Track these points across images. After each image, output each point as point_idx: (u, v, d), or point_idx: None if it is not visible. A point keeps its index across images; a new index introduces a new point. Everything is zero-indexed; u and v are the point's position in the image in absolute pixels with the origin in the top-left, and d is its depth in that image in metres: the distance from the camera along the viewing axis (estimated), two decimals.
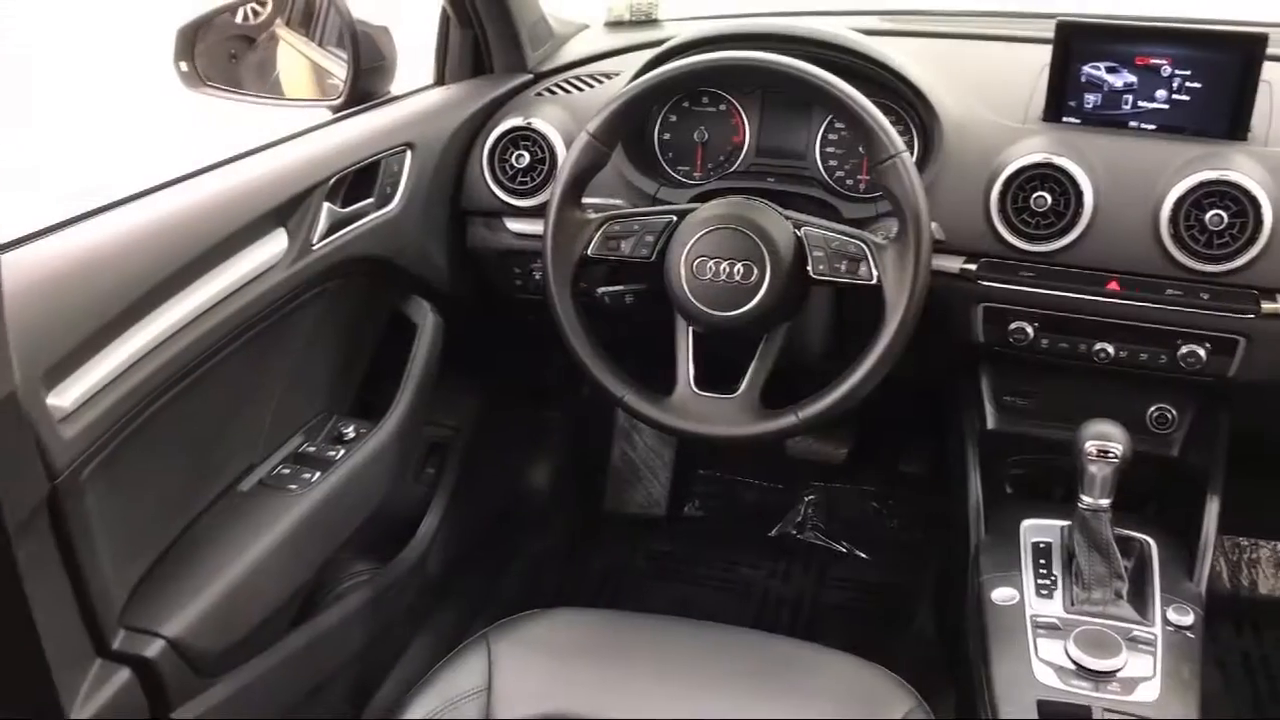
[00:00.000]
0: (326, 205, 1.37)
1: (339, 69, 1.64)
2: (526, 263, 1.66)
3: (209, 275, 1.18)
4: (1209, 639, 1.99)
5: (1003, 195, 1.44)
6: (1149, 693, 1.21)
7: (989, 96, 1.55)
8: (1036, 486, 1.64)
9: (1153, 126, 1.47)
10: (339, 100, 1.63)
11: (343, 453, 1.41)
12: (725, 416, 1.38)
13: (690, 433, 1.40)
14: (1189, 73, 1.44)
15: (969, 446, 1.60)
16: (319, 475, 1.36)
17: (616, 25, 1.96)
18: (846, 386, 1.34)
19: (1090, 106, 1.49)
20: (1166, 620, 1.30)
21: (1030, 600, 1.34)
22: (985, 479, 1.60)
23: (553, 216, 1.41)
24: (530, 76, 1.77)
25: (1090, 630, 1.27)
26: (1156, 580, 1.37)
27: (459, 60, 1.76)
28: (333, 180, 1.39)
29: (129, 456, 1.10)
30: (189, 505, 1.27)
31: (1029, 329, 1.49)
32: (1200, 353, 1.43)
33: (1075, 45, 1.47)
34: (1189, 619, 1.31)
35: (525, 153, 1.62)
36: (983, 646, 1.30)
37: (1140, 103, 1.47)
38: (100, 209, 1.16)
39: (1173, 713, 1.19)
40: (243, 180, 1.29)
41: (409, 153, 1.54)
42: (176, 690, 1.14)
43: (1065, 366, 1.52)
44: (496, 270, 1.70)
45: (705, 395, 1.40)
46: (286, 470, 1.38)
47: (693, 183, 1.66)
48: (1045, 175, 1.42)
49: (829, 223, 1.39)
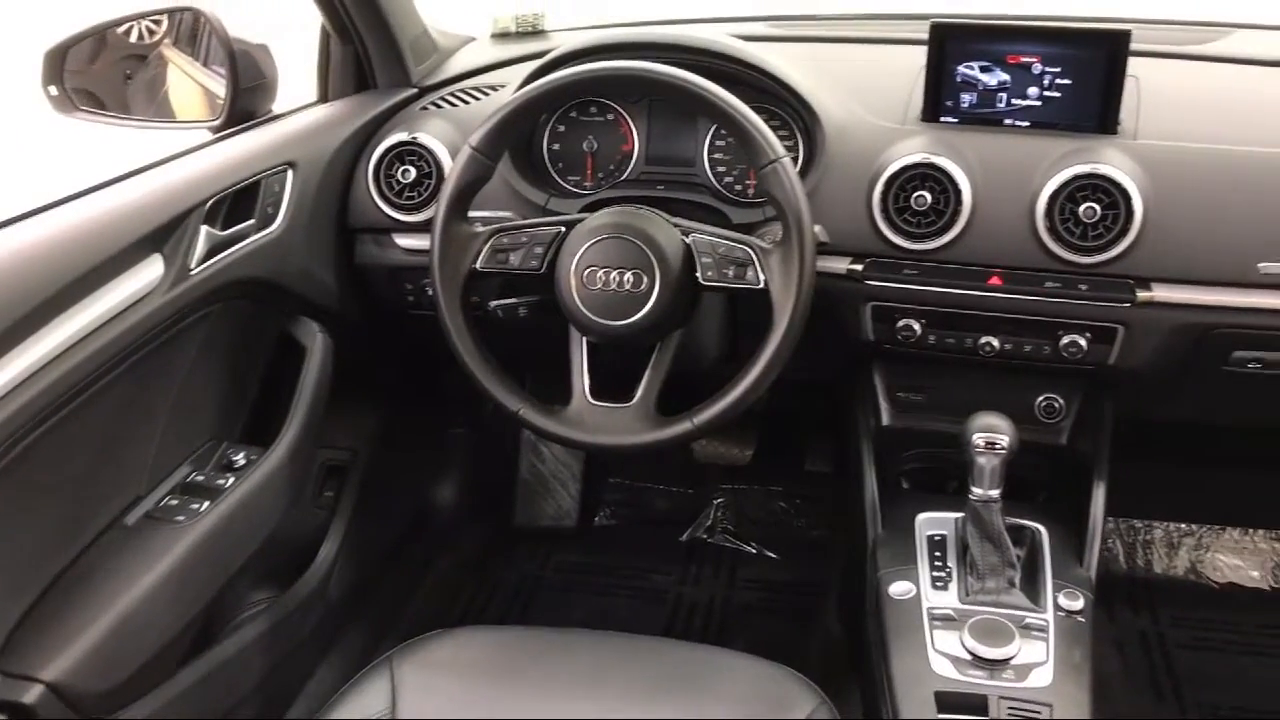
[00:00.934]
0: (204, 229, 1.34)
1: (222, 89, 1.61)
2: (418, 278, 1.64)
3: (79, 305, 1.15)
4: (1107, 621, 2.06)
5: (884, 196, 1.46)
6: (1043, 678, 1.23)
7: (869, 99, 1.58)
8: (932, 480, 1.67)
9: (1027, 123, 1.51)
10: (218, 120, 1.59)
11: (233, 481, 1.38)
12: (620, 426, 1.38)
13: (586, 444, 1.40)
14: (1058, 70, 1.48)
15: (863, 443, 1.62)
16: (208, 505, 1.33)
17: (503, 37, 1.95)
18: (739, 391, 1.35)
19: (966, 106, 1.52)
20: (1058, 606, 1.33)
21: (926, 593, 1.36)
22: (881, 475, 1.62)
23: (438, 231, 1.39)
24: (415, 91, 1.75)
25: (985, 620, 1.29)
26: (1048, 567, 1.40)
27: (341, 77, 1.73)
28: (210, 203, 1.36)
29: (1, 496, 1.07)
30: (70, 543, 1.23)
31: (916, 326, 1.52)
32: (1081, 342, 1.46)
33: (949, 46, 1.50)
34: (1079, 604, 1.34)
35: (411, 168, 1.61)
36: (882, 641, 1.32)
37: (1014, 100, 1.50)
38: None
39: (1066, 696, 1.22)
40: (114, 206, 1.26)
41: (290, 172, 1.52)
42: None
43: (955, 361, 1.55)
44: (387, 287, 1.68)
45: (600, 405, 1.39)
46: (174, 501, 1.35)
47: (583, 192, 1.66)
48: (925, 175, 1.45)
49: (716, 229, 1.40)
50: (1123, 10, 1.84)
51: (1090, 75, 1.47)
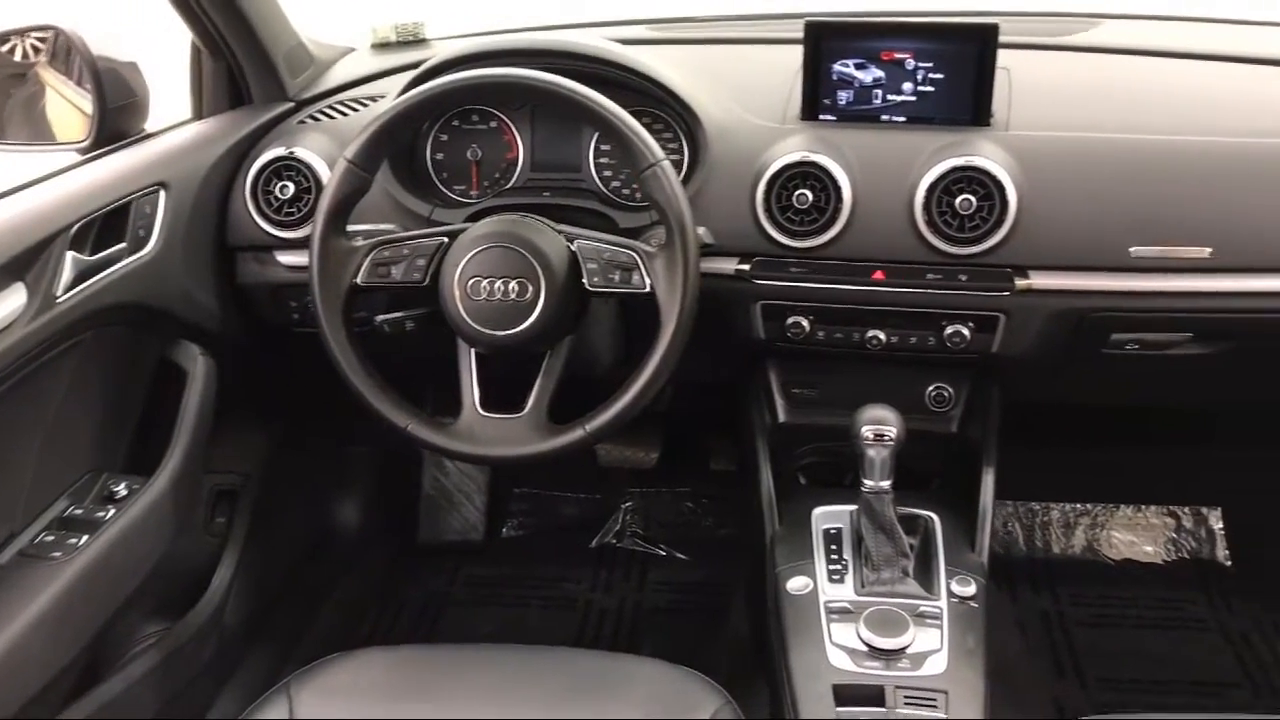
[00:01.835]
0: (70, 254, 1.30)
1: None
2: (302, 295, 1.60)
3: None
4: (1009, 602, 2.10)
5: (767, 195, 1.47)
6: (938, 665, 1.25)
7: (749, 99, 1.59)
8: (829, 474, 1.69)
9: (903, 118, 1.53)
10: (86, 142, 1.54)
11: (113, 512, 1.34)
12: (512, 437, 1.37)
13: (477, 457, 1.39)
14: (931, 65, 1.50)
15: (758, 441, 1.63)
16: (86, 539, 1.29)
17: (383, 47, 1.92)
18: (629, 396, 1.34)
19: (844, 103, 1.54)
20: (951, 593, 1.35)
21: (823, 587, 1.37)
22: (778, 471, 1.63)
23: (317, 247, 1.37)
24: (292, 105, 1.72)
25: (880, 610, 1.31)
26: (941, 555, 1.41)
27: (214, 93, 1.69)
28: (77, 227, 1.31)
29: None
30: None
31: (805, 323, 1.53)
32: (965, 332, 1.49)
33: (824, 44, 1.51)
34: (971, 589, 1.36)
35: (290, 183, 1.57)
36: (781, 637, 1.33)
37: (889, 96, 1.52)
38: None
39: (961, 681, 1.23)
40: None
41: (162, 192, 1.47)
42: None
43: (846, 355, 1.57)
44: (271, 306, 1.64)
45: (492, 417, 1.38)
46: (50, 537, 1.30)
47: (469, 201, 1.64)
48: (805, 173, 1.46)
49: (601, 234, 1.40)
50: (993, 4, 1.88)
51: (962, 69, 1.49)
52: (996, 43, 1.46)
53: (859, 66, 1.52)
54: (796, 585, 1.38)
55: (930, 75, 1.50)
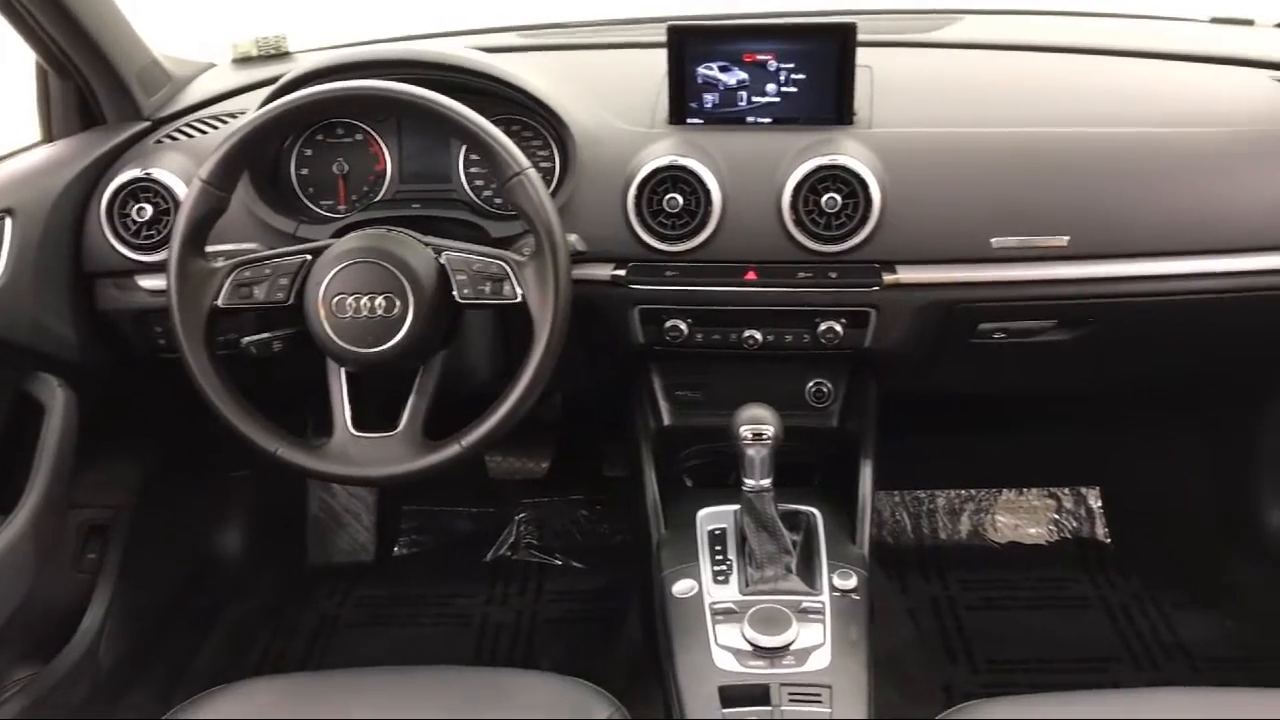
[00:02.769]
0: None
1: None
2: (166, 320, 1.56)
3: None
4: (900, 592, 2.13)
5: (638, 200, 1.47)
6: (821, 660, 1.26)
7: (617, 104, 1.59)
8: (714, 475, 1.69)
9: (768, 120, 1.54)
10: None
11: None
12: (386, 456, 1.34)
13: (349, 477, 1.36)
14: (793, 66, 1.51)
15: (642, 446, 1.63)
16: None
17: (245, 61, 1.88)
18: (505, 408, 1.33)
19: (710, 106, 1.54)
20: (833, 586, 1.36)
21: (708, 588, 1.37)
22: (664, 474, 1.63)
23: (174, 270, 1.33)
24: (148, 124, 1.66)
25: (764, 609, 1.31)
26: (823, 549, 1.43)
27: (64, 114, 1.63)
28: None
29: None
30: None
31: (683, 325, 1.53)
32: (837, 328, 1.51)
33: (687, 48, 1.52)
34: (852, 582, 1.37)
35: (147, 205, 1.52)
36: (668, 641, 1.33)
37: (754, 98, 1.53)
38: None
39: (844, 674, 1.25)
40: None
41: (9, 220, 1.42)
42: None
43: (726, 356, 1.57)
44: (134, 332, 1.59)
45: (364, 436, 1.35)
46: None
47: (337, 216, 1.61)
48: (675, 177, 1.46)
49: (470, 245, 1.38)
50: (856, 3, 1.91)
51: (823, 69, 1.51)
52: (855, 42, 1.48)
53: (723, 69, 1.53)
54: (682, 588, 1.38)
55: (793, 76, 1.52)
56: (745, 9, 1.85)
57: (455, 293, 1.35)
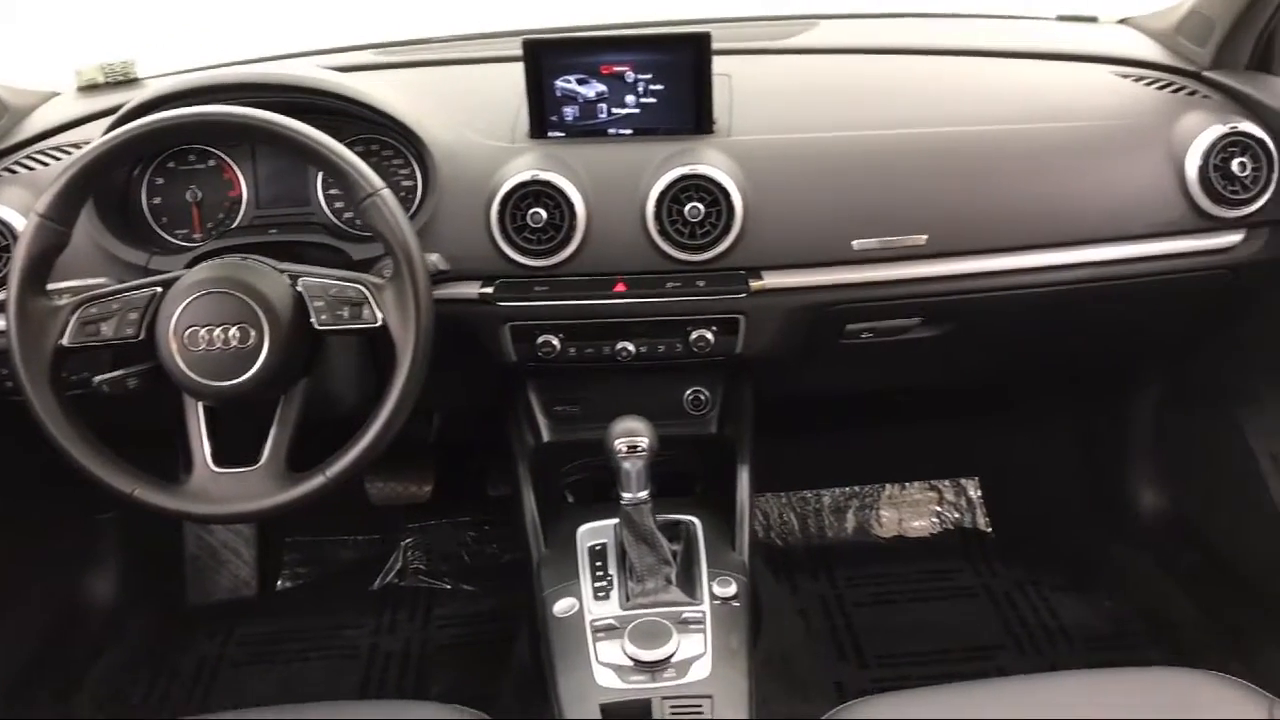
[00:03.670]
0: None
1: None
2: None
3: None
4: (790, 593, 2.15)
5: (501, 216, 1.45)
6: (702, 670, 1.26)
7: (477, 120, 1.57)
8: (596, 490, 1.68)
9: (629, 131, 1.54)
10: None
11: None
12: (249, 491, 1.30)
13: (210, 516, 1.32)
14: (650, 76, 1.51)
15: (519, 464, 1.61)
16: None
17: (91, 89, 1.81)
18: (371, 435, 1.30)
19: (570, 119, 1.53)
20: (713, 595, 1.36)
21: (589, 606, 1.36)
22: (546, 491, 1.61)
23: (13, 310, 1.26)
24: None
25: (644, 623, 1.30)
26: (703, 558, 1.43)
27: None
28: None
29: None
30: None
31: (555, 341, 1.52)
32: (709, 336, 1.51)
33: (544, 61, 1.51)
34: (731, 589, 1.37)
35: None
36: (550, 662, 1.31)
37: (614, 110, 1.53)
38: None
39: (725, 683, 1.24)
40: None
41: None
42: None
43: (602, 369, 1.56)
44: None
45: (225, 472, 1.31)
46: None
47: (192, 245, 1.56)
48: (538, 191, 1.45)
49: (327, 270, 1.35)
50: (714, 10, 1.92)
51: (681, 79, 1.51)
52: (710, 50, 1.48)
53: (581, 82, 1.52)
54: (562, 607, 1.37)
55: (651, 87, 1.52)
56: (610, 19, 1.84)
57: (313, 319, 1.31)
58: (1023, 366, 1.87)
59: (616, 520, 1.44)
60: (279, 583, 2.30)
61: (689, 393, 1.64)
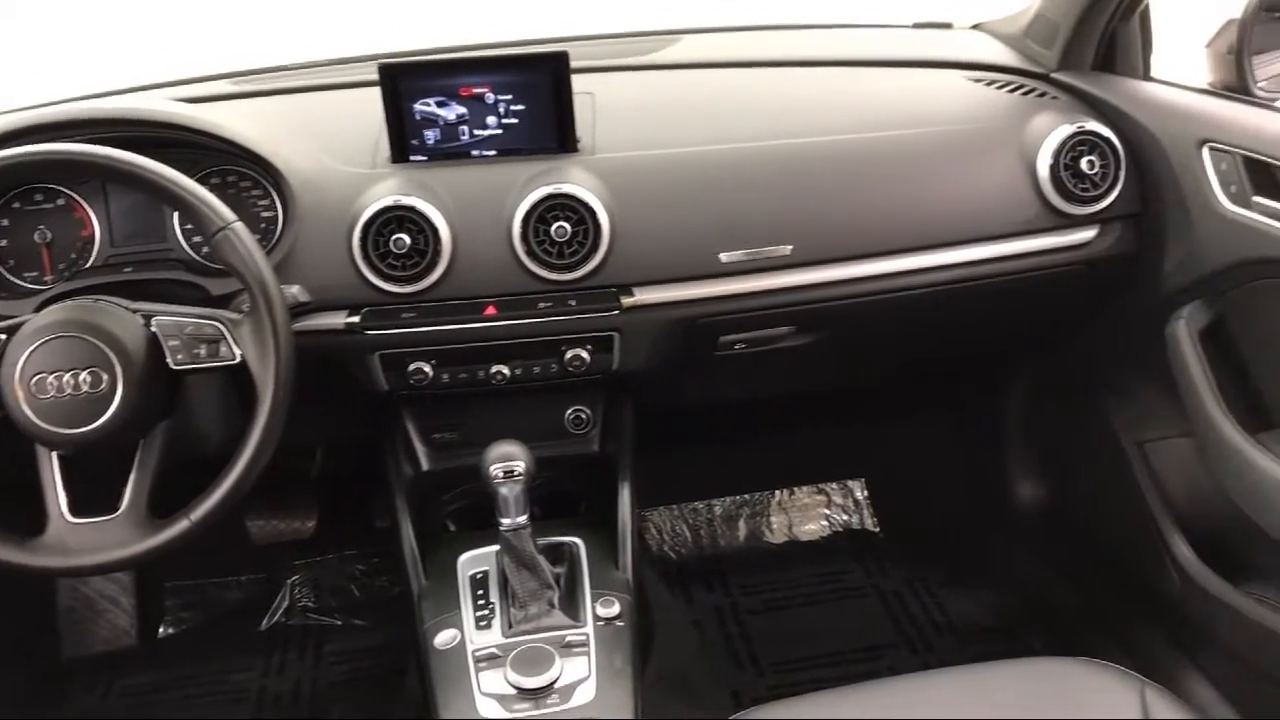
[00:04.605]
0: None
1: None
2: None
3: None
4: (685, 605, 2.15)
5: (363, 243, 1.42)
6: (586, 694, 1.25)
7: (336, 147, 1.54)
8: (479, 516, 1.66)
9: (493, 152, 1.52)
10: None
11: None
12: (107, 541, 1.25)
13: (68, 569, 1.26)
14: (511, 97, 1.50)
15: (396, 495, 1.59)
16: None
17: None
18: (235, 475, 1.26)
19: (432, 142, 1.52)
20: (596, 616, 1.35)
21: (471, 636, 1.34)
22: (426, 521, 1.59)
23: None
24: None
25: (526, 649, 1.29)
26: (586, 579, 1.42)
27: None
28: None
29: None
30: None
31: (427, 368, 1.50)
32: (584, 355, 1.50)
33: (402, 85, 1.49)
34: (615, 609, 1.36)
35: None
36: (433, 696, 1.29)
37: (476, 131, 1.52)
38: None
39: (609, 705, 1.24)
40: None
41: None
42: None
43: (479, 393, 1.54)
44: None
45: (84, 522, 1.26)
46: None
47: (43, 288, 1.50)
48: (400, 217, 1.42)
49: (182, 308, 1.31)
50: (576, 29, 1.92)
51: (541, 98, 1.50)
52: (569, 69, 1.48)
53: (440, 104, 1.50)
54: (444, 639, 1.34)
55: (512, 107, 1.51)
56: (480, 39, 1.83)
57: (169, 359, 1.27)
58: (897, 368, 1.90)
59: (498, 547, 1.43)
60: (161, 630, 2.22)
61: (570, 412, 1.63)
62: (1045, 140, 1.54)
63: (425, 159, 1.52)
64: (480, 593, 1.41)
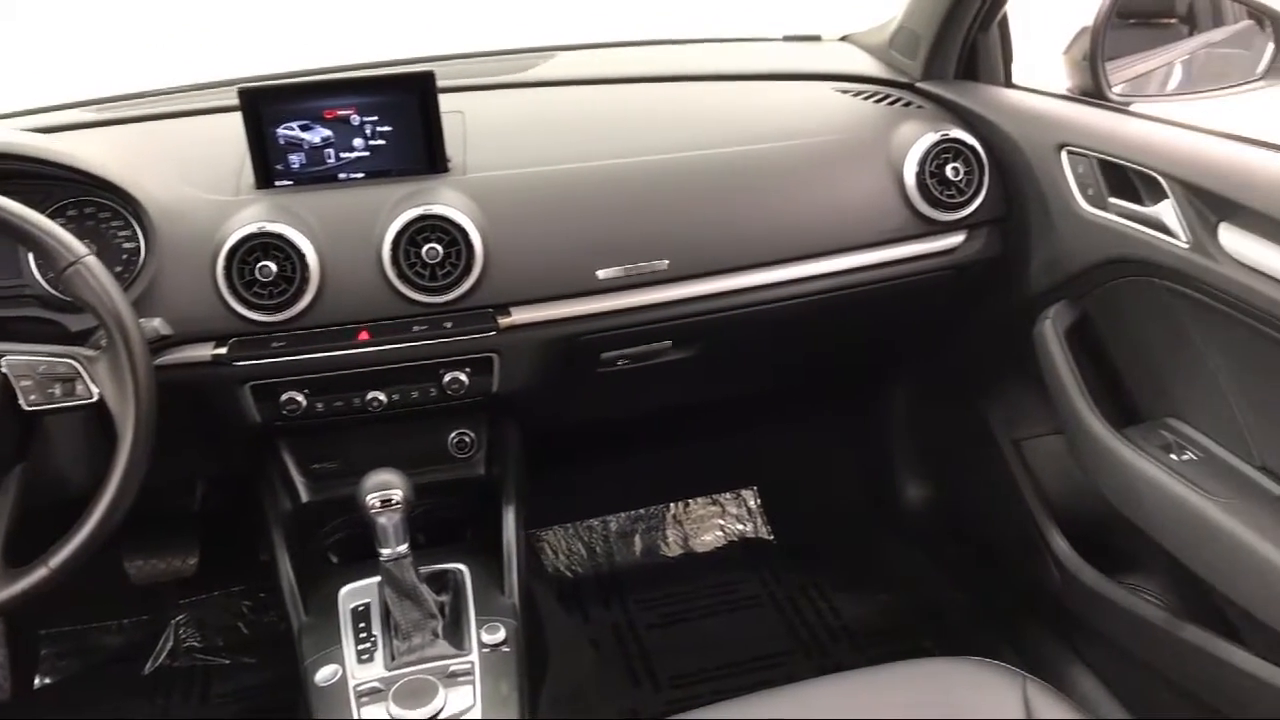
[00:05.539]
0: None
1: None
2: None
3: None
4: (581, 624, 2.13)
5: (227, 272, 1.38)
6: None
7: (196, 174, 1.49)
8: (362, 547, 1.62)
9: (361, 174, 1.49)
10: None
11: None
12: None
13: None
14: (377, 118, 1.48)
15: (273, 529, 1.54)
16: None
17: None
18: (96, 518, 1.21)
19: (297, 167, 1.48)
20: (481, 643, 1.33)
21: (352, 670, 1.31)
22: (305, 554, 1.55)
23: None
24: None
25: (409, 681, 1.27)
26: (471, 607, 1.40)
27: None
28: None
29: None
30: None
31: (300, 397, 1.46)
32: (462, 378, 1.48)
33: (263, 109, 1.45)
34: (500, 635, 1.34)
35: None
36: None
37: (342, 154, 1.49)
38: None
39: None
40: None
41: None
42: None
43: (357, 421, 1.51)
44: None
45: None
46: None
47: None
48: (265, 244, 1.39)
49: (34, 346, 1.25)
50: (445, 48, 1.90)
51: (409, 119, 1.48)
52: (435, 89, 1.46)
53: (304, 128, 1.47)
54: (325, 675, 1.31)
55: (379, 129, 1.48)
56: (345, 60, 1.80)
57: (20, 401, 1.21)
58: (781, 377, 1.92)
59: (380, 578, 1.40)
60: (37, 680, 2.12)
61: (453, 436, 1.61)
62: (911, 149, 1.57)
63: (291, 184, 1.48)
64: (362, 625, 1.38)
